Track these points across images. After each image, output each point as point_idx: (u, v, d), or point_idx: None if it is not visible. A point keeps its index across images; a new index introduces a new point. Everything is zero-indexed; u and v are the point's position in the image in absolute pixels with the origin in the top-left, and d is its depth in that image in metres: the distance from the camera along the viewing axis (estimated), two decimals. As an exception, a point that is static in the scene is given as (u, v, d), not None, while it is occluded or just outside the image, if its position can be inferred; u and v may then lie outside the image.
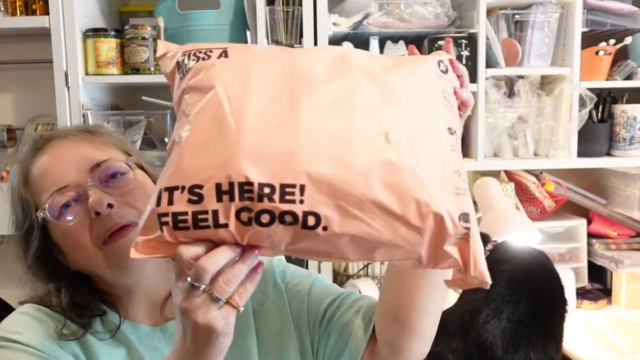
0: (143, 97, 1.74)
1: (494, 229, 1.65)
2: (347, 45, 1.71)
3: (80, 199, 0.78)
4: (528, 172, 1.91)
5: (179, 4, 1.68)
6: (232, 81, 0.60)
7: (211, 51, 0.63)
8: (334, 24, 1.67)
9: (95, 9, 1.77)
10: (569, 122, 1.70)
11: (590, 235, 1.92)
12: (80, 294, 0.82)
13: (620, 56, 1.77)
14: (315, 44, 1.64)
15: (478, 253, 0.58)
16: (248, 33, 1.64)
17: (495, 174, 1.89)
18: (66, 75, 1.62)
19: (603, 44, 1.71)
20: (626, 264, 1.80)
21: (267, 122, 0.57)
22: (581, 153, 1.73)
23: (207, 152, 0.57)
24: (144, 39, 1.64)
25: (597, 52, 1.71)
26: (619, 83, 1.75)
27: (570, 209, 1.96)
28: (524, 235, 1.65)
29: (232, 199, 0.55)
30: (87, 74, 1.66)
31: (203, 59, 0.62)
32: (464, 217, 0.57)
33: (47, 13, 1.61)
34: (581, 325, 1.71)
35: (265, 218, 0.55)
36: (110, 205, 0.76)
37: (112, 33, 1.66)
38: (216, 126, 0.57)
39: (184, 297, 0.58)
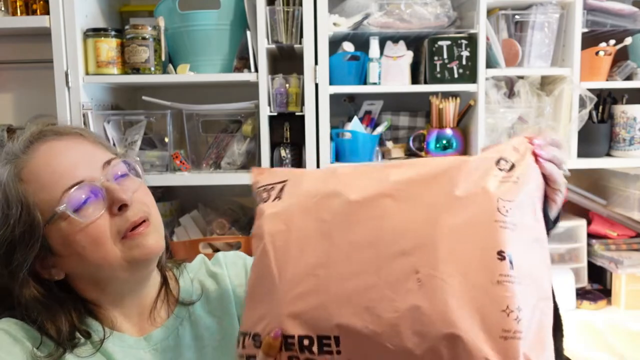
0: (143, 97, 1.74)
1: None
2: (347, 46, 1.71)
3: (98, 195, 0.76)
4: (528, 172, 1.90)
5: (180, 4, 1.68)
6: (278, 230, 0.65)
7: (272, 188, 0.69)
8: (334, 24, 1.67)
9: (96, 8, 1.77)
10: (569, 123, 1.70)
11: (590, 236, 1.91)
12: (64, 317, 0.77)
13: (620, 57, 1.77)
14: (316, 44, 1.64)
15: None
16: (248, 33, 1.64)
17: (495, 175, 1.89)
18: (66, 75, 1.62)
19: (603, 44, 1.71)
20: (626, 264, 1.80)
21: (303, 273, 0.61)
22: (581, 153, 1.73)
23: (259, 306, 0.64)
24: (144, 39, 1.64)
25: (597, 53, 1.71)
26: (619, 84, 1.75)
27: (570, 209, 1.96)
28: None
29: (280, 349, 0.61)
30: (87, 73, 1.66)
31: (264, 200, 0.69)
32: None
33: (48, 13, 1.61)
34: (581, 325, 1.71)
35: None
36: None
37: (113, 33, 1.66)
38: (264, 279, 0.64)
39: None
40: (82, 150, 0.79)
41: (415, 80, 1.74)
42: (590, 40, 1.75)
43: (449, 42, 1.66)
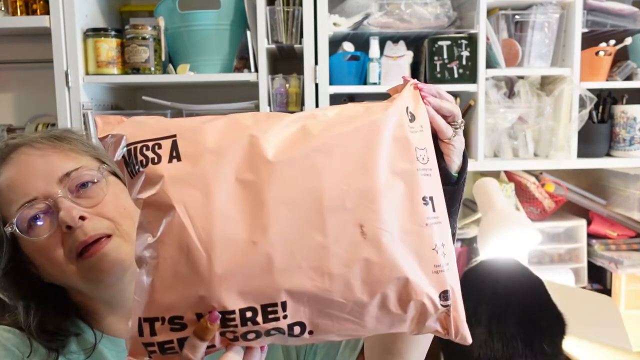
0: (143, 97, 1.74)
1: (494, 229, 1.65)
2: (348, 46, 1.71)
3: (50, 211, 0.73)
4: (528, 172, 1.91)
5: (180, 4, 1.68)
6: (191, 197, 0.56)
7: (159, 146, 0.58)
8: (334, 24, 1.67)
9: (96, 8, 1.77)
10: (569, 123, 1.70)
11: (590, 236, 1.92)
12: (52, 315, 0.77)
13: (620, 57, 1.77)
14: (316, 44, 1.64)
15: (459, 321, 0.60)
16: (248, 33, 1.64)
17: (495, 174, 1.89)
18: (66, 75, 1.62)
19: (603, 44, 1.71)
20: (626, 264, 1.80)
21: (237, 241, 0.55)
22: (581, 153, 1.73)
23: (181, 285, 0.55)
24: (144, 38, 1.64)
25: (597, 53, 1.71)
26: (619, 84, 1.75)
27: (570, 209, 1.97)
28: (523, 235, 1.65)
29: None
30: (87, 73, 1.66)
31: (153, 161, 0.57)
32: (444, 295, 0.59)
33: (48, 13, 1.61)
34: (581, 325, 1.71)
35: (251, 335, 0.57)
36: (82, 218, 0.72)
37: (113, 33, 1.66)
38: (185, 256, 0.55)
39: None
40: (46, 162, 0.76)
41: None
42: (590, 40, 1.75)
43: (449, 42, 1.67)
